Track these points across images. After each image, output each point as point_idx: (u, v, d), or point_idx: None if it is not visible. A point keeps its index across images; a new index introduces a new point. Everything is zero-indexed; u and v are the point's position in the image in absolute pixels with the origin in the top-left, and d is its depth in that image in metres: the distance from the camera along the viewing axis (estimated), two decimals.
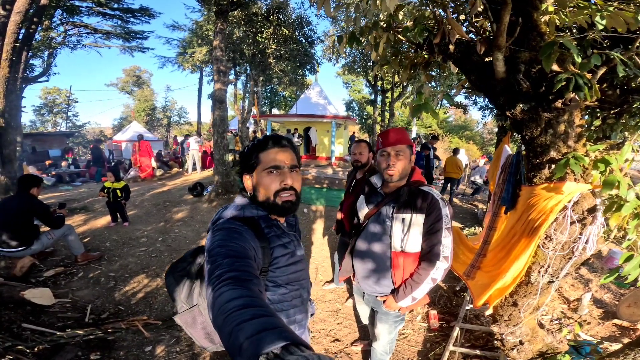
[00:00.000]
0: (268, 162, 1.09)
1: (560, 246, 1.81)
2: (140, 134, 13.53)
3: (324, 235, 5.62)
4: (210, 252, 0.91)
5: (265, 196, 1.10)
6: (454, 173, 8.11)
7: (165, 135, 32.42)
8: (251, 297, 0.68)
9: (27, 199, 3.57)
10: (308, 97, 17.58)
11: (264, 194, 1.10)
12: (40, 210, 3.63)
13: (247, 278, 0.78)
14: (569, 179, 1.76)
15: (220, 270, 0.79)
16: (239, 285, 0.73)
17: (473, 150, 30.09)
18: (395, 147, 1.59)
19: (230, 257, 0.86)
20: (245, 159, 1.14)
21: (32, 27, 5.94)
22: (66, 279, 3.67)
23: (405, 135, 1.64)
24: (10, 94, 5.37)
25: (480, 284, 2.53)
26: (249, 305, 0.64)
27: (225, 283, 0.73)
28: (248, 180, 1.15)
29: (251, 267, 0.86)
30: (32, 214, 3.57)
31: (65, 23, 10.21)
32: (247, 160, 1.13)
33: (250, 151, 1.13)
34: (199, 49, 12.47)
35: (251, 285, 0.75)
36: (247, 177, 1.15)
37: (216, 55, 7.02)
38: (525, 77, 1.70)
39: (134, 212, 6.71)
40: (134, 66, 34.39)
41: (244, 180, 1.16)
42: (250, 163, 1.12)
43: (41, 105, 29.45)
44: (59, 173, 11.33)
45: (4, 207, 3.53)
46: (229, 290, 0.71)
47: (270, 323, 0.57)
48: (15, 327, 2.50)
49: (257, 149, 1.12)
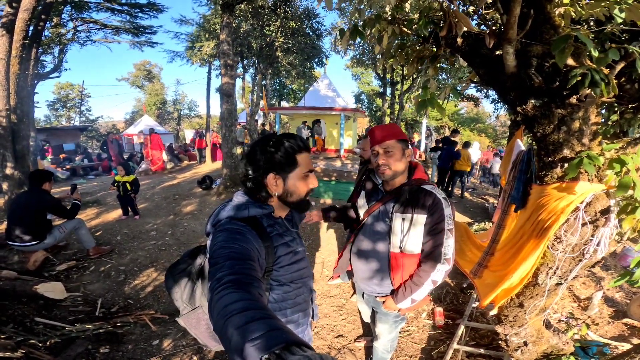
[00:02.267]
0: (307, 166, 1.14)
1: (570, 248, 1.75)
2: (152, 127, 13.70)
3: (330, 229, 5.60)
4: (212, 254, 0.91)
5: (298, 197, 1.14)
6: (465, 165, 8.00)
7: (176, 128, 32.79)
8: (251, 300, 0.68)
9: (39, 194, 3.63)
10: (317, 89, 17.42)
11: (298, 195, 1.13)
12: (53, 205, 3.69)
13: (248, 281, 0.78)
14: (582, 178, 1.69)
15: (221, 273, 0.79)
16: (239, 289, 0.73)
17: (485, 144, 29.56)
18: (383, 145, 1.52)
19: (231, 259, 0.86)
20: (283, 160, 1.10)
21: (40, 24, 6.00)
22: (78, 273, 3.76)
23: (395, 131, 1.56)
24: (21, 90, 5.46)
25: (487, 283, 2.48)
26: (249, 308, 0.64)
27: (226, 286, 0.73)
28: (277, 180, 1.11)
29: (252, 269, 0.86)
30: (45, 208, 3.63)
31: (75, 19, 10.31)
32: (286, 162, 1.10)
33: (289, 153, 1.10)
34: (206, 43, 12.44)
35: (251, 288, 0.75)
36: (276, 177, 1.10)
37: (223, 49, 6.99)
38: (537, 72, 1.62)
39: (144, 205, 6.82)
40: (144, 61, 34.76)
41: (270, 180, 1.10)
42: (288, 165, 1.10)
43: (55, 101, 30.07)
44: (72, 167, 11.58)
45: (18, 202, 3.62)
46: (228, 293, 0.71)
47: (272, 325, 0.57)
48: (28, 321, 2.57)
49: (296, 151, 1.11)
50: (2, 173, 5.50)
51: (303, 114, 15.11)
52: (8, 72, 5.17)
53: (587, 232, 1.74)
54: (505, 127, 31.76)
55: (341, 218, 2.07)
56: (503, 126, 33.90)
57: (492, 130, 34.72)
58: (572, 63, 1.49)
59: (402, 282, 1.61)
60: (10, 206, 3.64)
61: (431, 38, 1.89)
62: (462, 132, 30.18)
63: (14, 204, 3.59)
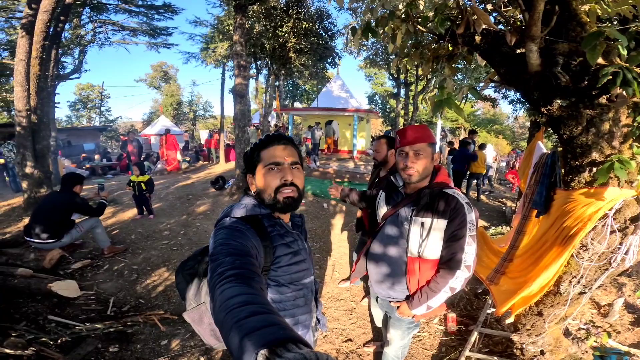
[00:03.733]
0: (268, 159, 1.10)
1: (597, 256, 1.64)
2: (167, 127, 13.95)
3: (343, 231, 5.54)
4: (213, 250, 0.92)
5: (267, 193, 1.11)
6: (480, 168, 7.82)
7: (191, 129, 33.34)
8: (252, 294, 0.69)
9: (69, 197, 3.79)
10: (330, 90, 17.41)
11: (266, 191, 1.11)
12: (82, 207, 3.90)
13: (249, 275, 0.78)
14: (611, 184, 1.58)
15: (222, 268, 0.80)
16: (240, 283, 0.73)
17: (503, 145, 28.86)
18: (414, 147, 1.47)
19: (231, 255, 0.86)
20: (248, 159, 1.16)
21: (59, 25, 6.16)
22: (92, 271, 3.82)
23: (426, 133, 1.50)
24: (41, 91, 5.61)
25: (504, 290, 2.38)
26: (249, 302, 0.64)
27: (227, 280, 0.74)
28: (251, 179, 1.17)
29: (252, 265, 0.86)
30: (72, 210, 3.80)
31: (94, 21, 10.63)
32: (250, 160, 1.16)
33: (252, 151, 1.15)
34: (220, 44, 12.59)
35: (252, 282, 0.75)
36: (250, 177, 1.17)
37: (236, 50, 7.04)
38: (563, 71, 1.53)
39: (159, 205, 6.91)
40: (160, 62, 35.50)
41: (248, 180, 1.18)
42: (252, 162, 1.14)
43: (76, 101, 31.03)
44: (92, 166, 11.90)
45: (47, 201, 3.80)
46: (230, 287, 0.71)
47: (270, 320, 0.57)
48: (42, 319, 2.61)
49: (259, 147, 1.13)
50: (22, 172, 5.67)
51: (316, 115, 15.11)
52: (28, 73, 5.31)
53: (615, 240, 1.64)
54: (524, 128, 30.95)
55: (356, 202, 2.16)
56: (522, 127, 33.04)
57: (510, 131, 33.86)
58: (602, 62, 1.39)
59: (419, 288, 1.55)
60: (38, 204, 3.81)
61: (447, 36, 1.81)
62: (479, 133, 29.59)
63: (43, 202, 3.76)
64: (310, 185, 8.29)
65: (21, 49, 5.22)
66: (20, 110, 5.33)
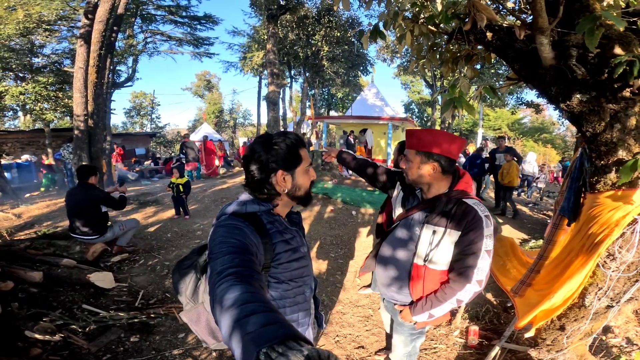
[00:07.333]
0: (308, 160, 1.17)
1: (625, 266, 1.48)
2: (206, 135, 14.75)
3: (369, 235, 5.47)
4: (212, 248, 0.92)
5: (303, 190, 1.16)
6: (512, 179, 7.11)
7: (231, 136, 34.84)
8: (252, 292, 0.68)
9: (88, 188, 3.89)
10: (364, 98, 17.35)
11: (305, 189, 1.16)
12: (104, 197, 4.00)
13: (249, 273, 0.78)
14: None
15: (222, 267, 0.80)
16: (240, 281, 0.73)
17: (552, 155, 26.70)
18: (407, 152, 1.50)
19: (231, 253, 0.87)
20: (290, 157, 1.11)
21: (113, 35, 6.76)
22: (129, 265, 4.12)
23: (423, 140, 1.43)
24: (98, 97, 6.18)
25: (528, 302, 2.21)
26: (249, 300, 0.64)
27: (227, 279, 0.74)
28: (285, 177, 1.11)
29: (252, 263, 0.86)
30: (97, 201, 3.92)
31: (145, 31, 11.68)
32: (292, 158, 1.12)
33: (293, 149, 1.12)
34: (257, 53, 13.16)
35: (252, 280, 0.75)
36: (284, 174, 1.11)
37: (269, 58, 7.32)
38: (579, 63, 1.43)
39: (195, 207, 7.30)
40: (204, 71, 37.66)
41: (280, 177, 1.10)
42: (295, 161, 1.13)
43: (130, 108, 33.72)
44: (141, 169, 12.91)
45: (71, 198, 3.92)
46: (230, 286, 0.71)
47: (271, 318, 0.57)
48: (76, 307, 2.84)
49: (298, 146, 1.13)
50: None
51: (350, 123, 15.11)
52: (86, 80, 5.86)
53: None
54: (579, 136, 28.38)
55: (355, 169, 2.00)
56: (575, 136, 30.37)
57: (561, 140, 31.20)
58: (621, 52, 1.28)
59: (424, 295, 1.50)
60: (66, 202, 3.95)
61: (457, 34, 1.77)
62: (525, 143, 27.63)
63: (69, 200, 3.90)
64: (342, 192, 8.26)
65: (80, 57, 5.76)
66: (79, 115, 5.91)
